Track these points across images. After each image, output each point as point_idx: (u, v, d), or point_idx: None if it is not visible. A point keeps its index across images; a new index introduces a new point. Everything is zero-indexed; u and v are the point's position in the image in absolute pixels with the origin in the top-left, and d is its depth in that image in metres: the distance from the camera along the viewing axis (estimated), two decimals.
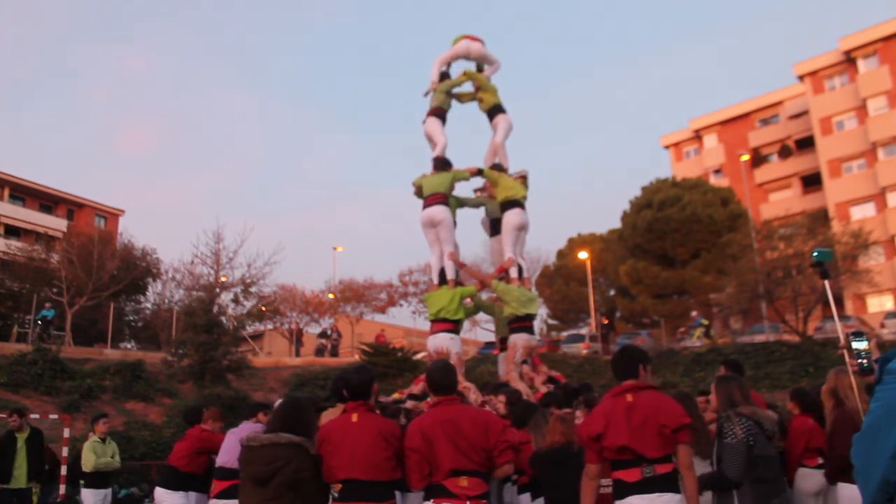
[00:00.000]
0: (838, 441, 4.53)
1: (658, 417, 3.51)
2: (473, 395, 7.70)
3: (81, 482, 8.53)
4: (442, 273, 9.74)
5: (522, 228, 9.94)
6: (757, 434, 3.71)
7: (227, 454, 5.21)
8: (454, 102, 11.55)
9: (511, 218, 9.84)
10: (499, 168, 10.42)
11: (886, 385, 1.67)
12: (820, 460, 5.21)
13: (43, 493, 10.55)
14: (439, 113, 11.04)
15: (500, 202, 10.08)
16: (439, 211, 9.71)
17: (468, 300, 9.78)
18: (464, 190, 10.98)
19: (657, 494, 3.42)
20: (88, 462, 8.22)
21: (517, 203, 9.94)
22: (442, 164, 10.25)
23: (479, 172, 10.39)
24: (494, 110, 11.11)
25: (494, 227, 10.56)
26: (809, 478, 5.23)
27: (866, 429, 1.67)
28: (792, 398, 5.60)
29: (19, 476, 8.31)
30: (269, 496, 3.66)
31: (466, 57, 11.48)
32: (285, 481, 3.66)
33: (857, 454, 1.68)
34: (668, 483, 3.46)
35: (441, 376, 3.95)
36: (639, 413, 3.51)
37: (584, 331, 33.93)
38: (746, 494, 3.70)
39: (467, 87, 11.58)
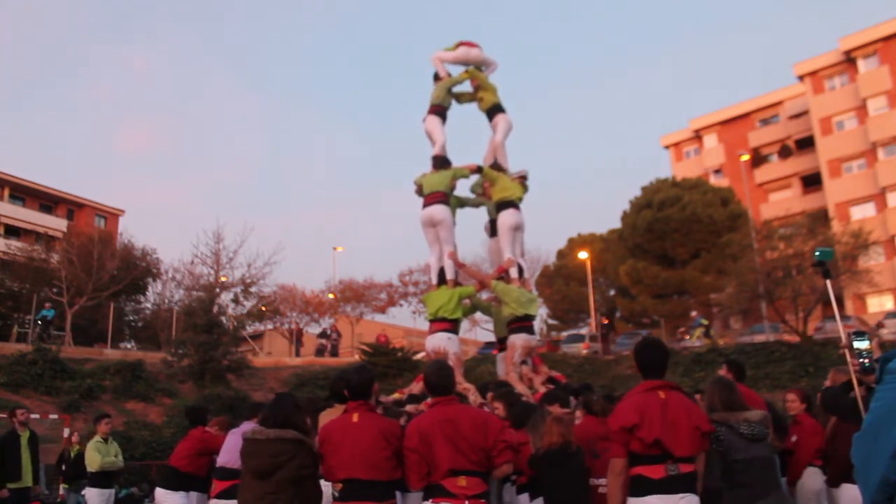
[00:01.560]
0: (841, 442, 4.51)
1: (691, 418, 3.52)
2: (472, 397, 7.69)
3: (64, 484, 8.57)
4: (441, 273, 9.73)
5: (518, 228, 9.93)
6: (730, 440, 3.65)
7: (228, 454, 5.21)
8: (453, 103, 11.54)
9: (506, 219, 9.85)
10: (497, 168, 10.41)
11: (887, 385, 1.67)
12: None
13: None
14: (439, 111, 11.02)
15: (496, 203, 10.08)
16: (439, 210, 9.70)
17: (466, 301, 9.78)
18: (464, 189, 10.98)
19: (680, 495, 3.38)
20: (94, 462, 8.24)
21: (512, 203, 9.94)
22: (441, 162, 10.24)
23: (479, 170, 10.39)
24: (494, 110, 11.09)
25: (493, 227, 10.56)
26: (817, 476, 5.24)
27: (866, 428, 1.66)
28: (802, 399, 5.59)
29: (26, 475, 8.35)
30: (271, 490, 3.68)
31: (466, 62, 11.48)
32: (289, 476, 3.69)
33: (857, 454, 1.68)
34: (690, 483, 3.44)
35: (438, 377, 3.95)
36: (672, 411, 3.50)
37: (584, 331, 33.92)
38: (726, 501, 3.67)
39: (466, 87, 11.58)
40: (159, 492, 6.30)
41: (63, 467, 11.36)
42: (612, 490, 3.54)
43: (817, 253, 4.16)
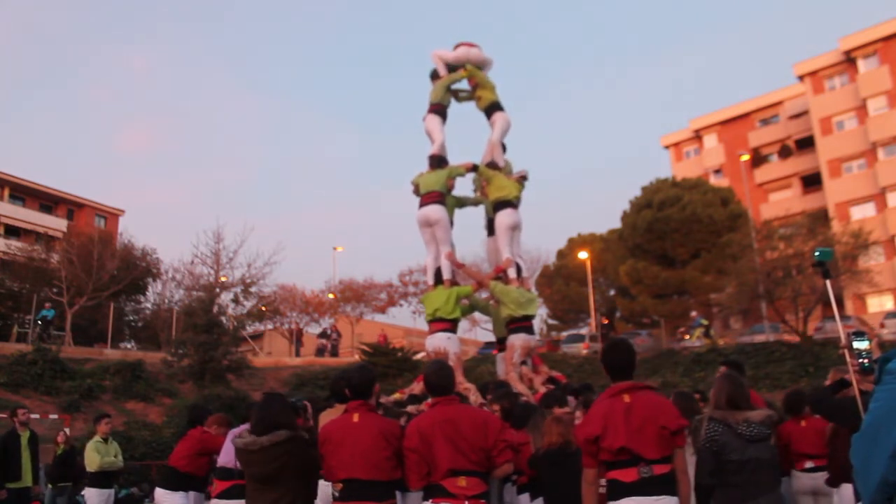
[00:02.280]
0: (841, 442, 4.50)
1: (657, 419, 3.44)
2: (473, 397, 7.69)
3: (49, 483, 8.56)
4: (438, 272, 9.72)
5: (515, 228, 9.93)
6: (725, 440, 3.60)
7: (229, 455, 5.19)
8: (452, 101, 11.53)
9: (503, 219, 9.85)
10: (493, 167, 10.40)
11: (885, 385, 1.67)
12: (808, 463, 5.22)
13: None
14: (439, 110, 11.01)
15: (493, 202, 10.07)
16: (435, 210, 9.69)
17: (464, 300, 9.77)
18: (465, 188, 10.98)
19: (654, 498, 3.35)
20: (93, 462, 8.23)
21: (509, 203, 9.93)
22: (437, 161, 10.23)
23: (475, 168, 10.39)
24: (492, 108, 11.06)
25: (490, 226, 10.55)
26: (797, 480, 5.26)
27: (865, 429, 1.66)
28: (783, 401, 5.63)
29: (26, 475, 8.35)
30: (278, 493, 3.73)
31: (465, 62, 11.48)
32: (294, 475, 3.75)
33: (856, 454, 1.68)
34: (665, 485, 3.40)
35: (437, 377, 3.94)
36: (637, 414, 3.44)
37: (584, 331, 33.92)
38: (716, 499, 3.65)
39: (464, 85, 11.58)
40: (159, 492, 6.30)
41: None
42: (586, 499, 3.54)
43: (817, 253, 4.14)
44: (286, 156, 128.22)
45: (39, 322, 23.50)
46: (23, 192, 42.40)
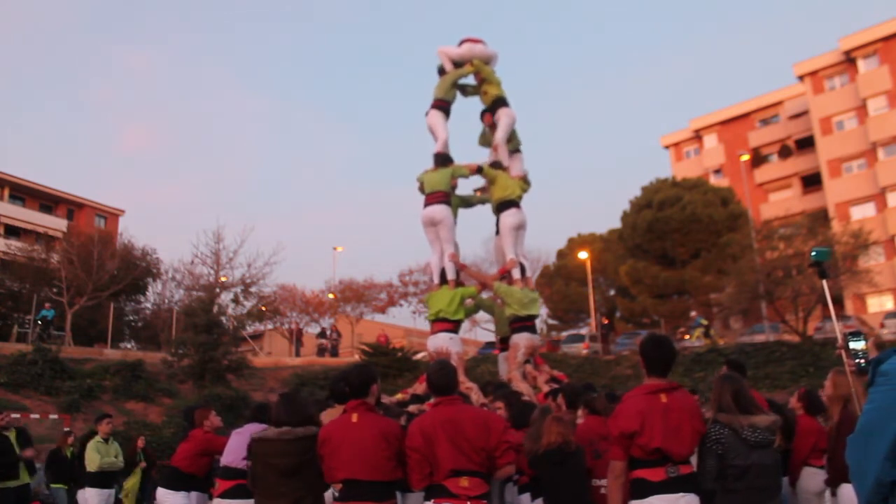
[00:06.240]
0: (840, 443, 4.48)
1: (693, 422, 3.53)
2: (475, 396, 7.69)
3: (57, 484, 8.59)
4: (443, 273, 9.71)
5: (520, 228, 9.89)
6: (730, 445, 3.61)
7: (232, 454, 5.20)
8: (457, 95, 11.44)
9: (507, 219, 9.81)
10: (497, 166, 10.34)
11: (879, 387, 1.68)
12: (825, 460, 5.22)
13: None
14: (442, 106, 10.86)
15: (496, 203, 10.04)
16: (439, 210, 9.66)
17: (469, 300, 9.76)
18: (465, 188, 10.95)
19: (680, 494, 3.42)
20: (93, 462, 8.24)
21: (512, 203, 9.90)
22: (442, 159, 10.13)
23: (479, 170, 10.33)
24: (497, 103, 10.96)
25: (496, 225, 10.53)
26: (814, 477, 5.24)
27: (860, 430, 1.68)
28: (799, 399, 5.62)
29: (23, 472, 8.35)
30: (300, 486, 3.89)
31: (470, 59, 11.42)
32: (318, 471, 3.86)
33: (851, 455, 1.70)
34: (689, 483, 3.47)
35: (440, 377, 3.94)
36: (674, 416, 3.49)
37: (584, 331, 33.89)
38: (718, 503, 3.67)
39: (471, 80, 11.51)
40: (161, 492, 6.31)
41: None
42: (611, 492, 3.56)
43: (814, 253, 4.15)
44: (286, 156, 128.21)
45: (39, 322, 23.49)
46: (23, 192, 42.39)
